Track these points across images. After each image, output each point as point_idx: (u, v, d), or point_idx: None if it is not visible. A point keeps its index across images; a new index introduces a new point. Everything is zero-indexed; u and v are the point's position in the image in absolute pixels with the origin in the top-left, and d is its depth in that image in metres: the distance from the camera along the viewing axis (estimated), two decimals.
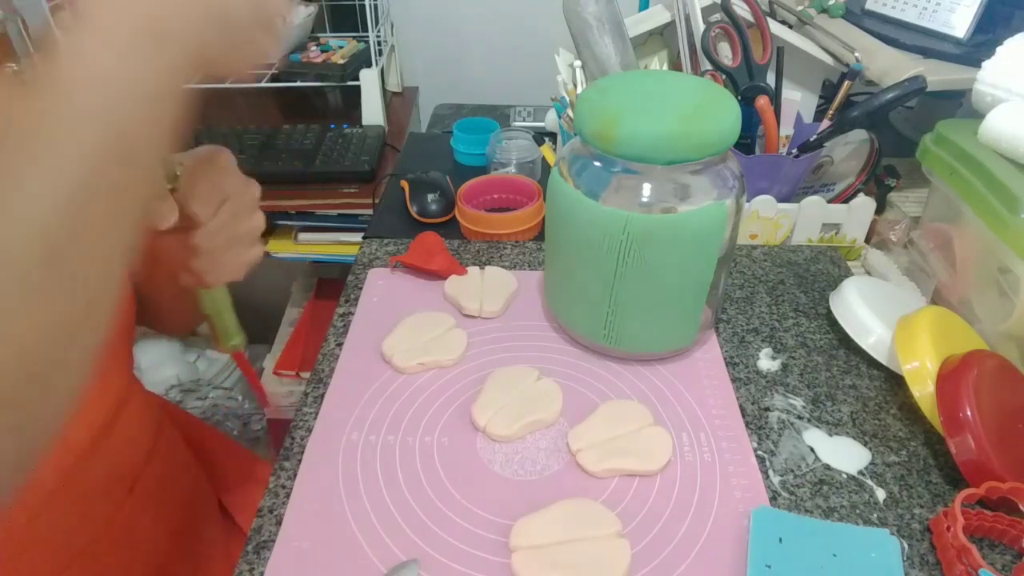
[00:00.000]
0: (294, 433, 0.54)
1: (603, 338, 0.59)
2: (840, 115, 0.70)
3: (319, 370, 0.60)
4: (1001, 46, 0.65)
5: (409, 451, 0.53)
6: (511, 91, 1.44)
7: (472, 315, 0.66)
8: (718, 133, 0.51)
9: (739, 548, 0.46)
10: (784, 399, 0.59)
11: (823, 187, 0.81)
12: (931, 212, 0.74)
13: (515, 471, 0.52)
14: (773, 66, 0.75)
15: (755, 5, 0.76)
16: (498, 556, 0.46)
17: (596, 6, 0.74)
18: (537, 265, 0.74)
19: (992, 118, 0.62)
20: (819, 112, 0.86)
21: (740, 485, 0.51)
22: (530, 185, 0.82)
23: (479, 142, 0.94)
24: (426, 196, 0.81)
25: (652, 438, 0.53)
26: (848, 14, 0.84)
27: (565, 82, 0.87)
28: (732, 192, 0.54)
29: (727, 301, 0.70)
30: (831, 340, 0.65)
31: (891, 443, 0.55)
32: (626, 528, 0.47)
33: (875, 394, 0.59)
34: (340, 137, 1.11)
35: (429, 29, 1.42)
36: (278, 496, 0.49)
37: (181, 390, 1.30)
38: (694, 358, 0.62)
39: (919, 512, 0.49)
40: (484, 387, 0.57)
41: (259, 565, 0.45)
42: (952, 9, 0.77)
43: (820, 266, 0.75)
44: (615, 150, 0.52)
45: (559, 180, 0.56)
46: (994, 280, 0.61)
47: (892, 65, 0.73)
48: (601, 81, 0.57)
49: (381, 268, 0.73)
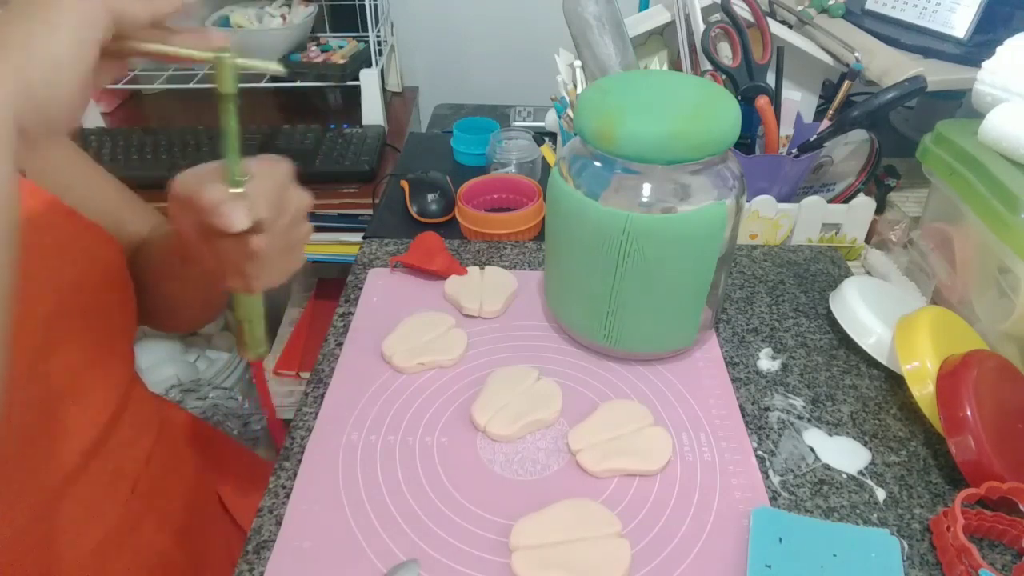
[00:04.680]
0: (294, 433, 0.54)
1: (603, 338, 0.59)
2: (840, 115, 0.70)
3: (319, 370, 0.60)
4: (1001, 46, 0.65)
5: (409, 451, 0.53)
6: (511, 91, 1.44)
7: (472, 315, 0.66)
8: (718, 133, 0.51)
9: (739, 548, 0.46)
10: (784, 399, 0.59)
11: (823, 187, 0.81)
12: (931, 212, 0.74)
13: (515, 471, 0.52)
14: (773, 66, 0.75)
15: (755, 5, 0.76)
16: (498, 556, 0.46)
17: (596, 6, 0.74)
18: (537, 265, 0.74)
19: (992, 118, 0.62)
20: (819, 112, 0.86)
21: (740, 485, 0.51)
22: (530, 185, 0.82)
23: (479, 142, 0.94)
24: (426, 196, 0.81)
25: (652, 438, 0.53)
26: (848, 14, 0.84)
27: (565, 82, 0.87)
28: (732, 192, 0.54)
29: (727, 301, 0.70)
30: (831, 340, 0.65)
31: (891, 443, 0.55)
32: (626, 528, 0.47)
33: (875, 394, 0.59)
34: (340, 137, 1.11)
35: (429, 29, 1.42)
36: (278, 496, 0.49)
37: (181, 390, 1.30)
38: (694, 358, 0.62)
39: (919, 512, 0.49)
40: (484, 387, 0.57)
41: (259, 565, 0.45)
42: (952, 9, 0.77)
43: (820, 266, 0.75)
44: (615, 150, 0.52)
45: (559, 180, 0.56)
46: (994, 280, 0.61)
47: (892, 65, 0.73)
48: (601, 81, 0.57)
49: (381, 268, 0.73)
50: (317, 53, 1.21)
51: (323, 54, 1.21)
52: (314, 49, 1.23)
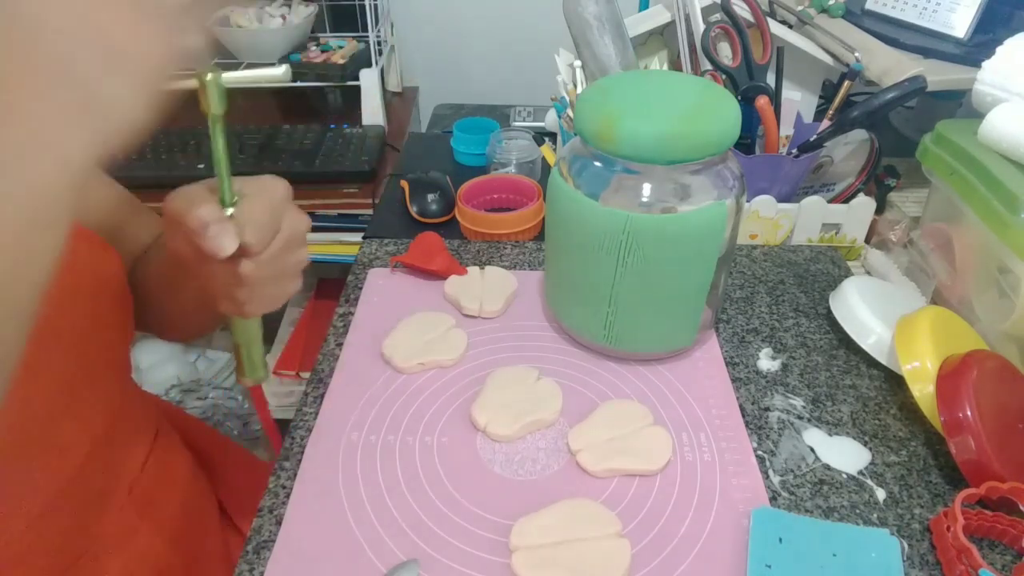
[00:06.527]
0: (294, 433, 0.54)
1: (603, 338, 0.59)
2: (840, 115, 0.70)
3: (319, 370, 0.60)
4: (1001, 46, 0.65)
5: (409, 451, 0.53)
6: (511, 91, 1.44)
7: (472, 315, 0.66)
8: (718, 133, 0.51)
9: (739, 548, 0.46)
10: (784, 399, 0.59)
11: (823, 187, 0.81)
12: (931, 212, 0.74)
13: (515, 471, 0.52)
14: (773, 66, 0.75)
15: (755, 5, 0.76)
16: (498, 556, 0.46)
17: (596, 6, 0.74)
18: (537, 265, 0.74)
19: (992, 118, 0.62)
20: (819, 112, 0.86)
21: (740, 485, 0.51)
22: (530, 185, 0.82)
23: (479, 142, 0.94)
24: (426, 196, 0.81)
25: (652, 438, 0.53)
26: (848, 14, 0.84)
27: (565, 82, 0.87)
28: (732, 192, 0.54)
29: (727, 301, 0.70)
30: (831, 340, 0.65)
31: (891, 443, 0.55)
32: (626, 528, 0.47)
33: (875, 394, 0.59)
34: (340, 137, 1.11)
35: (429, 29, 1.42)
36: (278, 496, 0.49)
37: (181, 390, 1.30)
38: (694, 358, 0.62)
39: (919, 512, 0.49)
40: (484, 387, 0.57)
41: (259, 565, 0.45)
42: (952, 9, 0.77)
43: (820, 266, 0.75)
44: (615, 150, 0.51)
45: (559, 180, 0.56)
46: (994, 280, 0.61)
47: (892, 65, 0.73)
48: (601, 81, 0.57)
49: (381, 268, 0.73)
50: (317, 53, 1.21)
51: (323, 54, 1.21)
52: (314, 49, 1.23)
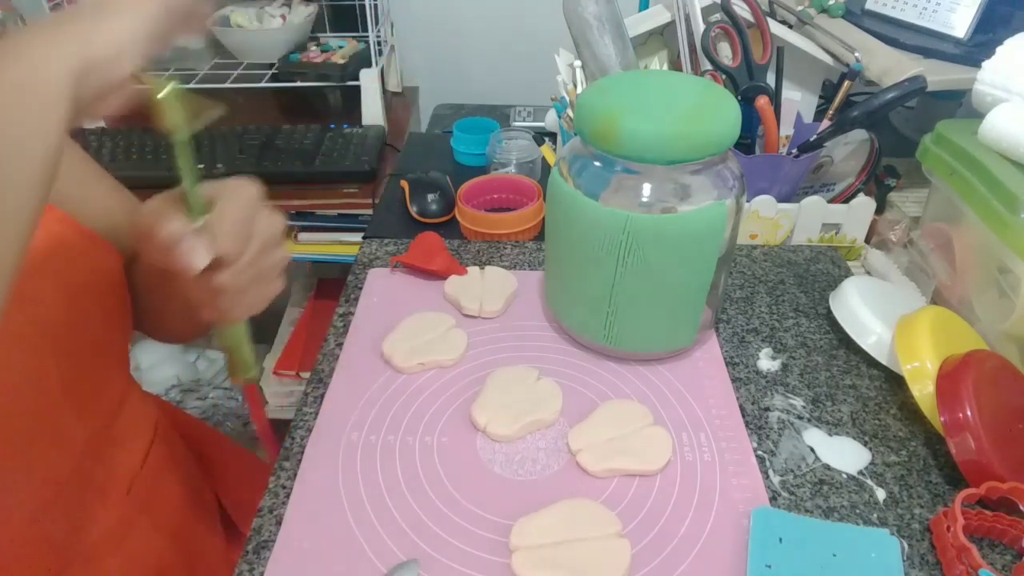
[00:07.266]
0: (294, 433, 0.54)
1: (603, 338, 0.59)
2: (840, 115, 0.70)
3: (319, 370, 0.60)
4: (1001, 46, 0.65)
5: (409, 451, 0.53)
6: (511, 91, 1.44)
7: (472, 315, 0.66)
8: (718, 133, 0.51)
9: (739, 548, 0.46)
10: (784, 399, 0.59)
11: (823, 187, 0.81)
12: (931, 212, 0.74)
13: (515, 471, 0.52)
14: (773, 66, 0.75)
15: (755, 5, 0.76)
16: (498, 556, 0.46)
17: (596, 6, 0.74)
18: (537, 265, 0.74)
19: (992, 118, 0.62)
20: (819, 112, 0.86)
21: (740, 485, 0.51)
22: (530, 185, 0.82)
23: (479, 142, 0.94)
24: (426, 196, 0.81)
25: (652, 438, 0.53)
26: (848, 14, 0.84)
27: (565, 82, 0.87)
28: (732, 192, 0.54)
29: (727, 301, 0.70)
30: (831, 340, 0.65)
31: (891, 443, 0.55)
32: (626, 528, 0.47)
33: (875, 394, 0.59)
34: (340, 137, 1.10)
35: (429, 29, 1.42)
36: (278, 496, 0.49)
37: (181, 390, 1.30)
38: (694, 358, 0.62)
39: (919, 512, 0.49)
40: (484, 387, 0.57)
41: (259, 565, 0.45)
42: (952, 9, 0.77)
43: (820, 266, 0.75)
44: (615, 150, 0.52)
45: (559, 180, 0.56)
46: (994, 280, 0.61)
47: (892, 65, 0.73)
48: (601, 81, 0.57)
49: (381, 268, 0.73)
50: (317, 53, 1.21)
51: (323, 54, 1.21)
52: (314, 49, 1.23)
